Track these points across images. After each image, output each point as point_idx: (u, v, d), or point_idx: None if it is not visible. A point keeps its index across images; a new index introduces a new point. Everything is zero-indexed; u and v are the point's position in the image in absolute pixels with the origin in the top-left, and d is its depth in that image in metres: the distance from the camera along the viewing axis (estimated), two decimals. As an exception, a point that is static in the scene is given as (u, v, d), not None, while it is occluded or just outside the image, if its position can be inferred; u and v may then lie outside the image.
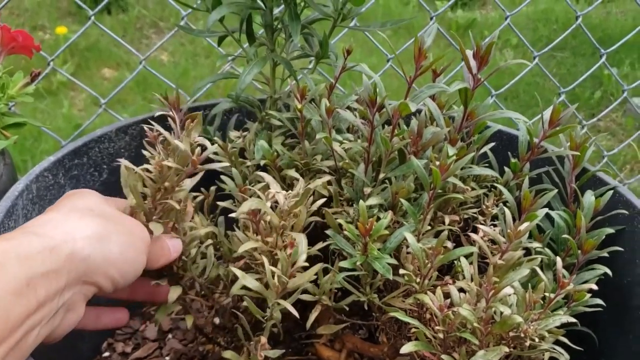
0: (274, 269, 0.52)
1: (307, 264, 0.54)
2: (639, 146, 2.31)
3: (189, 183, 0.60)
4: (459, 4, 3.33)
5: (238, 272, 0.53)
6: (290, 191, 0.56)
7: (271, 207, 0.55)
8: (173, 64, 2.74)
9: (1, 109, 0.72)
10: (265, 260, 0.52)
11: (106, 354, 0.78)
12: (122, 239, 0.51)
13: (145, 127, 0.58)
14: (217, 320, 0.70)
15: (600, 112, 2.70)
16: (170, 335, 0.81)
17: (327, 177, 0.62)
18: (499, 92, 1.11)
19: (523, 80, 2.74)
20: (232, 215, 0.57)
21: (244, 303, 0.56)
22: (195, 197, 0.68)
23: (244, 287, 0.54)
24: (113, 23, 3.01)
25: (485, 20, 3.15)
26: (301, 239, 0.54)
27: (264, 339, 0.55)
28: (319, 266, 0.55)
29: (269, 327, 0.56)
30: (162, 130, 0.56)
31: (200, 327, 0.68)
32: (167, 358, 0.77)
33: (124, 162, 0.55)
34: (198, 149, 0.55)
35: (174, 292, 0.58)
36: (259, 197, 0.55)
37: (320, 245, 0.61)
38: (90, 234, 0.48)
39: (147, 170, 0.54)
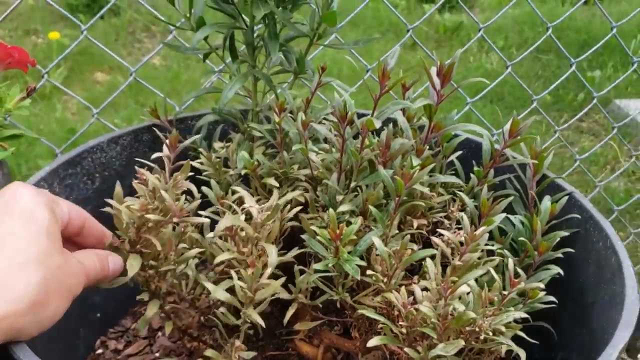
0: (241, 283, 0.57)
1: (279, 273, 0.59)
2: (620, 146, 2.37)
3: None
4: (447, 7, 3.39)
5: (210, 286, 0.58)
6: (264, 204, 0.61)
7: (247, 219, 0.60)
8: (165, 67, 2.79)
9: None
10: (233, 274, 0.57)
11: (99, 350, 0.83)
12: (59, 300, 0.52)
13: (137, 169, 0.61)
14: (202, 319, 0.75)
15: (584, 114, 2.75)
16: (160, 333, 0.86)
17: (302, 190, 0.68)
18: (474, 99, 1.16)
19: (508, 82, 2.80)
20: (210, 235, 0.62)
21: (220, 309, 0.61)
22: None
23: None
24: (105, 27, 3.05)
25: (472, 23, 3.20)
26: (272, 250, 0.59)
27: (238, 342, 0.60)
28: (282, 280, 0.60)
29: (244, 331, 0.61)
30: (149, 176, 0.59)
31: (186, 327, 0.73)
32: (157, 354, 0.82)
33: (112, 202, 0.60)
34: (182, 198, 0.60)
35: (152, 308, 0.63)
36: (234, 211, 0.60)
37: (295, 251, 0.67)
38: (29, 306, 0.48)
39: (135, 209, 0.59)
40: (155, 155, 0.64)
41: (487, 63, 2.98)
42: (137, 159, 0.86)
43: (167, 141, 0.63)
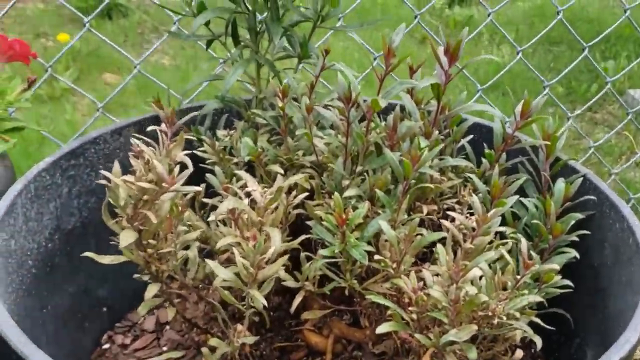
0: (243, 261, 0.55)
1: (287, 263, 0.56)
2: (635, 136, 2.33)
3: (169, 195, 0.63)
4: (457, 0, 3.36)
5: (212, 265, 0.57)
6: (267, 188, 0.59)
7: (251, 204, 0.59)
8: (175, 67, 2.78)
9: (0, 114, 0.76)
10: (236, 252, 0.55)
11: (106, 345, 0.82)
12: None
13: (132, 140, 0.60)
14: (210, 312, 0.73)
15: (598, 105, 2.71)
16: (167, 327, 0.84)
17: (306, 173, 0.66)
18: (485, 86, 1.14)
19: (520, 76, 2.77)
20: (211, 218, 0.60)
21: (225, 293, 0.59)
22: (185, 195, 0.71)
23: (225, 280, 0.58)
24: (114, 28, 3.05)
25: (482, 17, 3.17)
26: (275, 234, 0.57)
27: (240, 327, 0.58)
28: (285, 258, 0.58)
29: (248, 316, 0.60)
30: (144, 147, 0.57)
31: (192, 318, 0.72)
32: (164, 348, 0.81)
33: (109, 175, 0.58)
34: (177, 169, 0.58)
35: (151, 290, 0.61)
36: (237, 195, 0.58)
37: (301, 238, 0.65)
38: None
39: (130, 181, 0.57)
40: (150, 127, 0.62)
41: (499, 57, 2.95)
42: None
43: (164, 116, 0.61)
